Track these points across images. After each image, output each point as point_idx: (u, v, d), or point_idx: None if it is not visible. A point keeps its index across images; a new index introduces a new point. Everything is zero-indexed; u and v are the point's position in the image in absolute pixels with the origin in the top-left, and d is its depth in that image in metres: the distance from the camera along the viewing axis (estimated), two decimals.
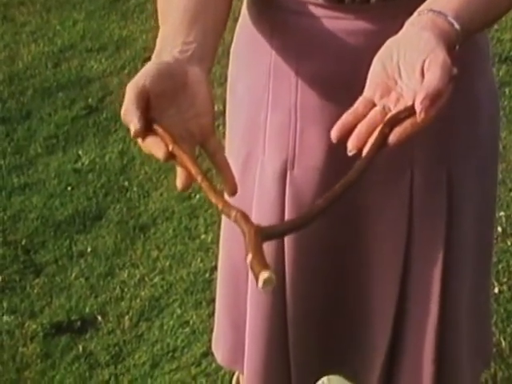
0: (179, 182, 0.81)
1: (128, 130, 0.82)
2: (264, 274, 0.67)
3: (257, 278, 0.68)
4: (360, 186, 0.79)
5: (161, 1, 0.97)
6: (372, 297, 1.21)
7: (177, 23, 0.90)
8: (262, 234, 0.73)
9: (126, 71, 3.23)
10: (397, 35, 0.86)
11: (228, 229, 1.28)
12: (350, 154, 0.80)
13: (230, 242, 1.28)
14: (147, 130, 0.81)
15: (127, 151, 2.75)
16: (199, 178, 0.80)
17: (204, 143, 0.84)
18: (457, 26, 0.86)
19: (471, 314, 1.26)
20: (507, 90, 2.87)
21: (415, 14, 0.87)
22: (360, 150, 0.80)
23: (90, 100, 3.07)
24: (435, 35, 0.83)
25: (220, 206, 0.78)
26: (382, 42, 0.87)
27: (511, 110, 2.77)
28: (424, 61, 0.81)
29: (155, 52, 0.88)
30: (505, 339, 1.98)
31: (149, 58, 0.88)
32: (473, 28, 0.90)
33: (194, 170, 0.80)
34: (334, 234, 1.17)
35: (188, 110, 0.84)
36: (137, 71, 0.84)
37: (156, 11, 0.97)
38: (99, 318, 2.13)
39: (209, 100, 0.85)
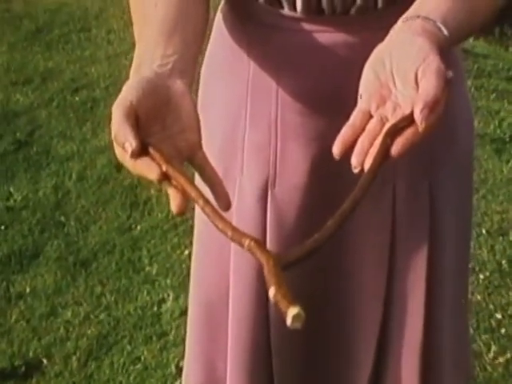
0: (174, 206, 0.76)
1: (61, 163, 0.77)
2: (293, 311, 0.62)
3: (285, 315, 0.63)
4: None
5: (136, 16, 0.95)
6: (355, 316, 1.20)
7: (155, 36, 0.88)
8: (281, 264, 0.68)
9: (55, 103, 3.15)
10: (386, 42, 0.86)
11: (201, 257, 1.23)
12: (355, 170, 0.79)
13: (203, 271, 1.23)
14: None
15: (61, 185, 2.71)
16: (201, 202, 0.73)
17: (191, 158, 0.82)
18: (445, 31, 0.86)
19: (454, 328, 1.25)
20: None
21: (400, 21, 0.87)
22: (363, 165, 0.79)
23: (18, 134, 3.02)
24: (428, 40, 0.83)
25: (229, 234, 0.70)
26: (362, 55, 0.86)
27: None
28: (418, 68, 0.81)
29: (133, 68, 0.85)
30: None
31: (77, 90, 0.83)
32: (459, 36, 0.91)
33: (193, 194, 0.74)
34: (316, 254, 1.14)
35: (173, 125, 0.81)
36: (66, 103, 0.79)
37: (81, 42, 0.93)
38: (44, 361, 2.07)
39: (193, 113, 0.82)
